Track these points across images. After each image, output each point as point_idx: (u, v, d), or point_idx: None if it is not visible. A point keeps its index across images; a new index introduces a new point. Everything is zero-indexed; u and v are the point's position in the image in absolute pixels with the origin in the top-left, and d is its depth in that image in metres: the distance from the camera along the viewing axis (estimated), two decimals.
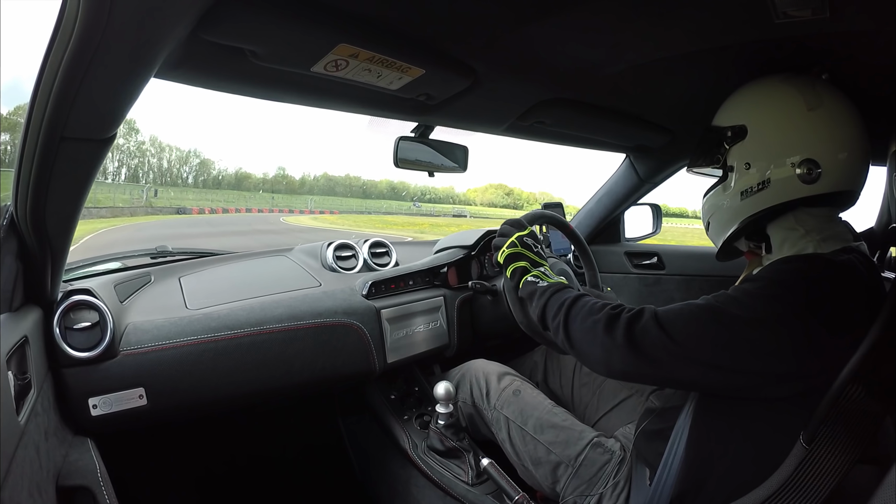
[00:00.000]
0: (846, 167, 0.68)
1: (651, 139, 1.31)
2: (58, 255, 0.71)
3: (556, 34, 0.70)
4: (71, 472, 0.69)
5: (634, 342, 0.65)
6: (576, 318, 0.72)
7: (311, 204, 57.90)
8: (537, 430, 0.94)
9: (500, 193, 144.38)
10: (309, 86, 0.76)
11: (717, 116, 0.78)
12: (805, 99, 0.68)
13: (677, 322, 0.64)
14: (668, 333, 0.63)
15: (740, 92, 0.76)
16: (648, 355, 0.64)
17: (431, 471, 1.03)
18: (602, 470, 0.85)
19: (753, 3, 0.61)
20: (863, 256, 0.66)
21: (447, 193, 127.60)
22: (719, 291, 0.66)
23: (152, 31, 0.45)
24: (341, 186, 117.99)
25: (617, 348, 0.66)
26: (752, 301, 0.61)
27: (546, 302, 0.78)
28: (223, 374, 0.90)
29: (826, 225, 0.69)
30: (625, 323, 0.66)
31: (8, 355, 0.58)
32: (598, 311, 0.70)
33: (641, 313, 0.67)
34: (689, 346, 0.62)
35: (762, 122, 0.71)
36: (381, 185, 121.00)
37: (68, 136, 0.52)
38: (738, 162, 0.73)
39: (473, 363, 1.15)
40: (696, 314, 0.64)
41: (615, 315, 0.68)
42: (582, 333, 0.71)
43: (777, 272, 0.63)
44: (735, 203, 0.74)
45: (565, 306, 0.74)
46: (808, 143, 0.67)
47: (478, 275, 1.38)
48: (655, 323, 0.64)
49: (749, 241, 0.78)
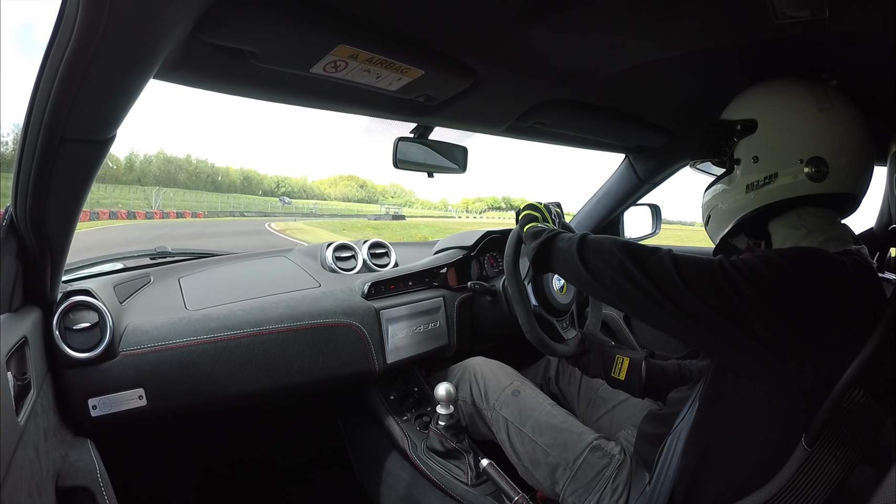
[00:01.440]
0: (852, 169, 0.68)
1: (650, 139, 1.31)
2: (57, 255, 0.71)
3: (556, 35, 0.70)
4: (70, 472, 0.69)
5: (645, 267, 0.65)
6: (590, 245, 0.74)
7: (158, 200, 39.96)
8: (535, 432, 0.93)
9: (353, 186, 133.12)
10: (308, 87, 0.76)
11: (725, 112, 0.78)
12: (816, 100, 0.68)
13: (690, 268, 0.64)
14: (680, 273, 0.63)
15: (751, 88, 0.76)
16: (657, 280, 0.64)
17: (431, 471, 1.03)
18: (601, 474, 0.84)
19: (753, 3, 0.61)
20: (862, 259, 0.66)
21: (300, 186, 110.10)
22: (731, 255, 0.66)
23: (151, 32, 0.45)
24: (185, 174, 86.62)
25: (626, 270, 0.66)
26: (758, 268, 0.60)
27: (555, 238, 0.81)
28: (223, 374, 0.90)
29: (828, 226, 0.68)
30: (639, 250, 0.68)
31: (7, 356, 0.58)
32: (613, 241, 0.72)
33: (658, 249, 0.68)
34: (695, 290, 0.62)
35: (773, 117, 0.71)
36: (233, 174, 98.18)
37: (68, 137, 0.52)
38: (746, 155, 0.72)
39: (473, 361, 1.15)
40: (708, 266, 0.63)
41: (633, 244, 0.70)
42: (595, 255, 0.72)
43: (784, 251, 0.63)
44: (740, 196, 0.73)
45: (576, 238, 0.76)
46: (817, 142, 0.67)
47: (477, 275, 1.38)
48: (670, 257, 0.65)
49: (749, 237, 0.78)
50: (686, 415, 0.72)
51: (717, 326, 0.60)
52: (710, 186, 0.80)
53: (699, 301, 0.61)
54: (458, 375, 1.13)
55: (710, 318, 0.60)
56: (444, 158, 1.13)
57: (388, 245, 1.45)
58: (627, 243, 0.70)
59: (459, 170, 1.16)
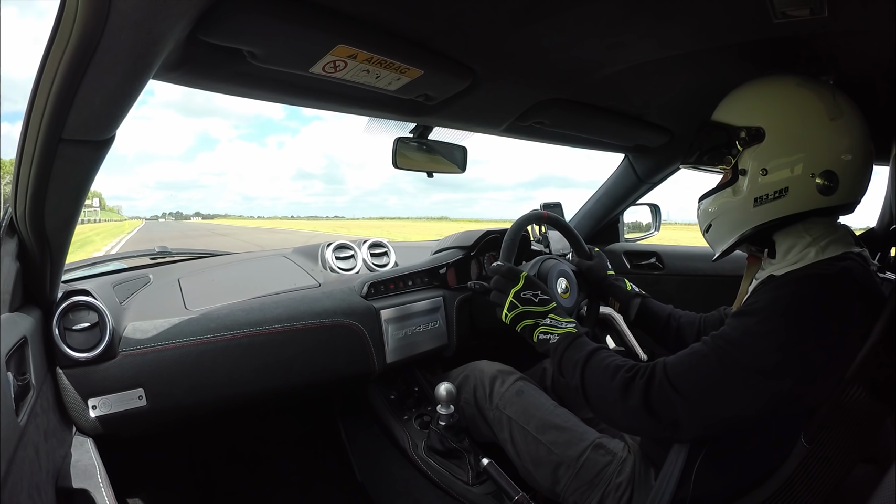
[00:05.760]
0: (860, 179, 0.68)
1: (650, 139, 1.31)
2: (57, 255, 0.71)
3: (555, 34, 0.70)
4: (70, 472, 0.69)
5: (651, 409, 0.66)
6: (591, 382, 0.73)
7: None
8: (539, 431, 0.93)
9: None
10: (307, 87, 0.76)
11: (724, 112, 0.74)
12: (826, 108, 0.66)
13: (689, 380, 0.64)
14: (682, 394, 0.64)
15: (754, 90, 0.72)
16: (667, 419, 0.65)
17: (431, 471, 1.03)
18: (603, 471, 0.85)
19: (752, 2, 0.61)
20: (861, 260, 0.66)
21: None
22: (721, 330, 0.66)
23: (150, 32, 0.45)
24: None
25: (636, 416, 0.67)
26: (754, 342, 0.61)
27: (560, 360, 0.78)
28: (222, 374, 0.90)
29: (830, 230, 0.68)
30: (640, 390, 0.67)
31: (7, 356, 0.58)
32: (612, 376, 0.70)
33: (654, 376, 0.67)
34: (703, 405, 0.63)
35: (782, 128, 0.68)
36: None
37: (67, 138, 0.52)
38: (753, 166, 0.69)
39: (477, 364, 1.15)
40: (704, 367, 0.64)
41: (629, 379, 0.68)
42: (600, 399, 0.72)
43: (774, 301, 0.63)
44: (746, 208, 0.71)
45: (579, 368, 0.74)
46: (828, 155, 0.65)
47: (477, 275, 1.38)
48: (669, 384, 0.65)
49: (752, 245, 0.76)
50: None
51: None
52: (710, 193, 0.77)
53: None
54: (461, 378, 1.13)
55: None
56: (444, 158, 1.13)
57: (388, 245, 1.45)
58: (626, 385, 0.68)
59: (459, 169, 1.15)
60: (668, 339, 1.01)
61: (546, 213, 1.09)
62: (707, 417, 0.63)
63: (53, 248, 0.69)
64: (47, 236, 0.66)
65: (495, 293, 0.88)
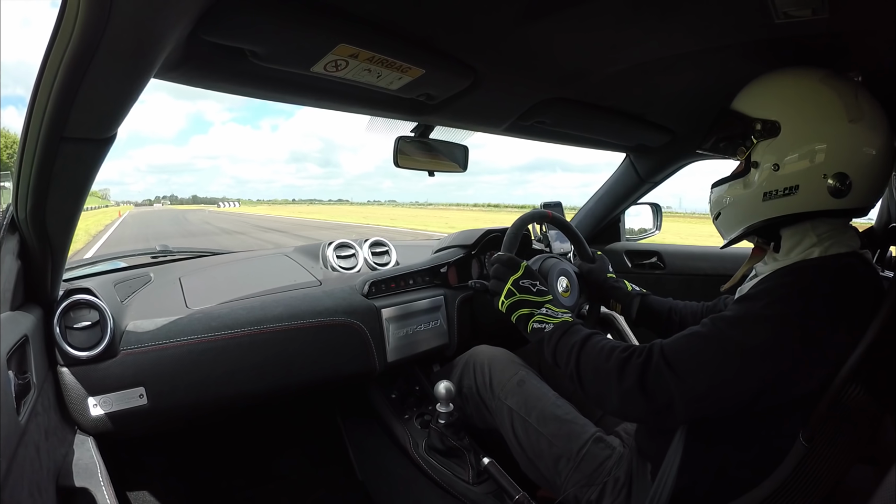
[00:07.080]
0: (874, 184, 0.66)
1: (651, 139, 1.31)
2: (58, 254, 0.71)
3: (557, 34, 0.70)
4: (71, 471, 0.69)
5: (646, 389, 0.65)
6: (587, 366, 0.72)
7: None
8: (540, 422, 0.93)
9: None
10: (309, 86, 0.76)
11: (743, 101, 0.72)
12: (846, 108, 0.64)
13: (685, 359, 0.64)
14: (678, 374, 0.64)
15: (775, 82, 0.70)
16: (661, 399, 0.65)
17: (432, 470, 1.03)
18: (603, 465, 0.85)
19: (754, 3, 0.61)
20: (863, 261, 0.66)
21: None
22: (720, 313, 0.66)
23: (152, 31, 0.45)
24: None
25: (631, 397, 0.66)
26: (754, 325, 0.61)
27: (555, 348, 0.78)
28: (223, 373, 0.90)
29: (837, 231, 0.68)
30: (637, 370, 0.66)
31: (8, 355, 0.58)
32: (608, 357, 0.70)
33: (650, 356, 0.67)
34: (699, 386, 0.63)
35: (799, 125, 0.66)
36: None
37: (68, 136, 0.52)
38: (766, 160, 0.68)
39: (478, 349, 1.14)
40: (702, 348, 0.64)
41: (625, 360, 0.68)
42: (595, 382, 0.71)
43: (777, 287, 0.63)
44: (756, 202, 0.70)
45: (574, 352, 0.74)
46: (844, 157, 0.64)
47: (478, 274, 1.38)
48: (665, 364, 0.65)
49: (759, 237, 0.75)
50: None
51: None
52: (721, 182, 0.76)
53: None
54: (461, 365, 1.13)
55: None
56: (445, 157, 1.13)
57: (389, 244, 1.45)
58: (621, 365, 0.68)
59: (460, 168, 1.15)
60: (671, 334, 1.01)
61: (550, 213, 1.09)
62: (698, 397, 0.63)
63: (55, 246, 0.69)
64: (48, 235, 0.66)
65: (494, 281, 0.88)
